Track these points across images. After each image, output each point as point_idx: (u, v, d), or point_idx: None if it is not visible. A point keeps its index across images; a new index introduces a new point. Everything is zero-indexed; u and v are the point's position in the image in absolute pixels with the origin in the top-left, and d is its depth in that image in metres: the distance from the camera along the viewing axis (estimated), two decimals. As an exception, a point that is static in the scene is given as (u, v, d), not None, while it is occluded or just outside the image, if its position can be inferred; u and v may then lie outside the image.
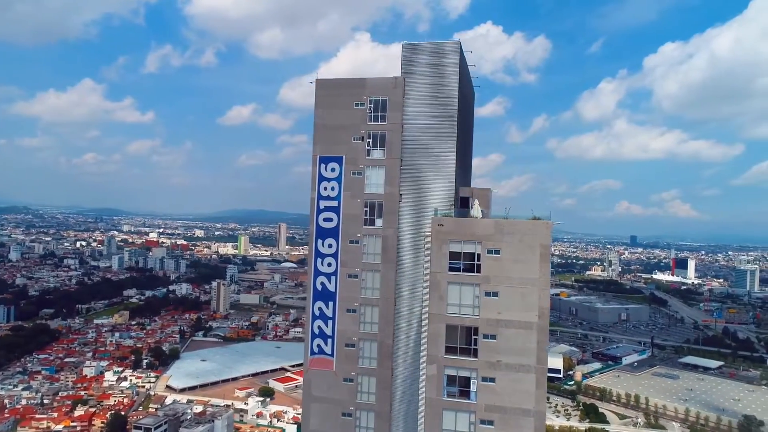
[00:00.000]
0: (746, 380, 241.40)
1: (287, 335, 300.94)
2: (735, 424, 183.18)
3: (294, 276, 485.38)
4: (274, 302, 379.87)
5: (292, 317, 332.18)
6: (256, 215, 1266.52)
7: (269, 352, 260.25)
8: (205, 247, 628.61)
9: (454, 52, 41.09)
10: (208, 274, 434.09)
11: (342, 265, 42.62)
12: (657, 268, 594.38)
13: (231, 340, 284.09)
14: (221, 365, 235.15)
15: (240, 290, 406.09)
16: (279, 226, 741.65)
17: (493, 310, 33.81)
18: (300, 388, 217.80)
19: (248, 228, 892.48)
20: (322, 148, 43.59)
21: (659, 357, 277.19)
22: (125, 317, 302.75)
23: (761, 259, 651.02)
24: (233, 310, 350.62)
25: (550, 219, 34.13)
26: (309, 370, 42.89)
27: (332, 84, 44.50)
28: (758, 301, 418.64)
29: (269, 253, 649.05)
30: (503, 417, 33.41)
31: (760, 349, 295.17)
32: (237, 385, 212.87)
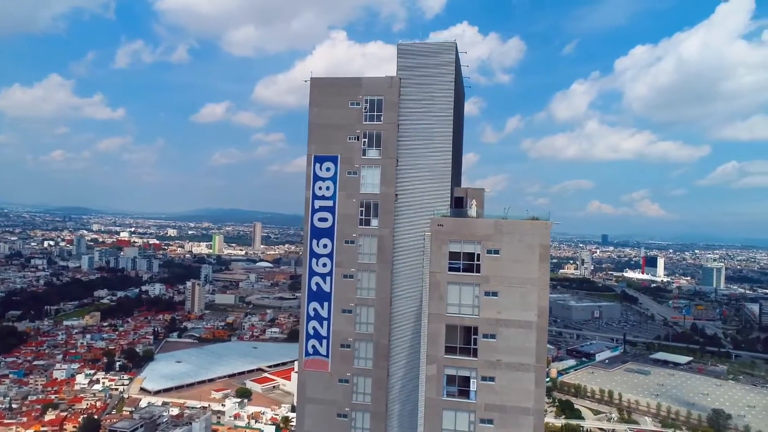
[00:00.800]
0: (714, 375, 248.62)
1: (264, 335, 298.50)
2: (704, 418, 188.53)
3: (270, 275, 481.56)
4: (249, 302, 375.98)
5: (269, 317, 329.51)
6: (230, 214, 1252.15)
7: (246, 352, 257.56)
8: (178, 247, 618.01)
9: (449, 52, 41.17)
10: (181, 274, 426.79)
11: (337, 266, 42.35)
12: (628, 267, 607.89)
13: (206, 340, 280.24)
14: (197, 366, 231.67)
15: (215, 290, 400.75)
16: (254, 225, 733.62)
17: (493, 310, 34.02)
18: (277, 388, 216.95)
19: (222, 227, 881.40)
20: (316, 147, 43.22)
21: (631, 353, 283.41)
22: (96, 318, 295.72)
23: (726, 258, 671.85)
24: (208, 310, 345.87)
25: (549, 219, 34.54)
26: (304, 372, 42.52)
27: (327, 83, 44.15)
28: (724, 298, 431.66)
29: (244, 252, 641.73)
30: (503, 416, 33.65)
31: (727, 344, 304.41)
32: (213, 387, 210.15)
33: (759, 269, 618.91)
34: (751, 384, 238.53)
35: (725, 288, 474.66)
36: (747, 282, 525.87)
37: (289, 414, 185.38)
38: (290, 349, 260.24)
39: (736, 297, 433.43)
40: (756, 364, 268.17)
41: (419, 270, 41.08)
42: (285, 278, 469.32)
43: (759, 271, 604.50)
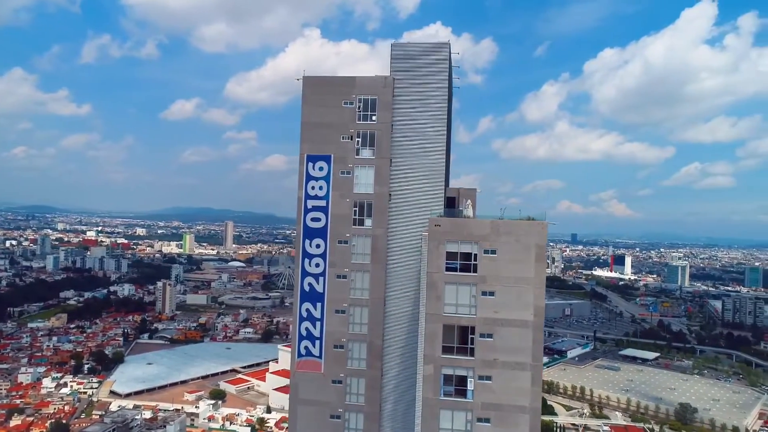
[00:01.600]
0: (680, 370, 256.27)
1: (237, 336, 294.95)
2: (672, 412, 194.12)
3: (242, 275, 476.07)
4: (222, 302, 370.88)
5: (242, 317, 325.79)
6: (200, 213, 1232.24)
7: (219, 353, 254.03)
8: (147, 246, 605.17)
9: (443, 53, 41.34)
10: (151, 274, 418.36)
11: (330, 266, 42.04)
12: (597, 265, 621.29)
13: (178, 341, 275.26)
14: (169, 368, 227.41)
15: (186, 290, 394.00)
16: (226, 224, 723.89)
17: (490, 310, 34.31)
18: (252, 389, 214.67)
19: (193, 226, 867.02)
20: (309, 146, 42.82)
21: (601, 350, 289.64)
22: (63, 320, 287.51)
23: (690, 256, 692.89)
24: (180, 311, 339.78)
25: (545, 219, 35.01)
26: (296, 373, 42.10)
27: (320, 82, 43.78)
28: (689, 295, 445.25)
29: (216, 252, 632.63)
30: (499, 414, 33.99)
31: (692, 340, 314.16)
32: (186, 389, 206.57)
33: (720, 267, 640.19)
34: (715, 378, 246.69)
35: (689, 285, 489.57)
36: (710, 279, 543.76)
37: (264, 415, 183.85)
38: (264, 350, 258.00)
39: (700, 294, 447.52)
40: (719, 359, 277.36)
41: (413, 270, 41.17)
42: (258, 278, 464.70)
43: (721, 269, 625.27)
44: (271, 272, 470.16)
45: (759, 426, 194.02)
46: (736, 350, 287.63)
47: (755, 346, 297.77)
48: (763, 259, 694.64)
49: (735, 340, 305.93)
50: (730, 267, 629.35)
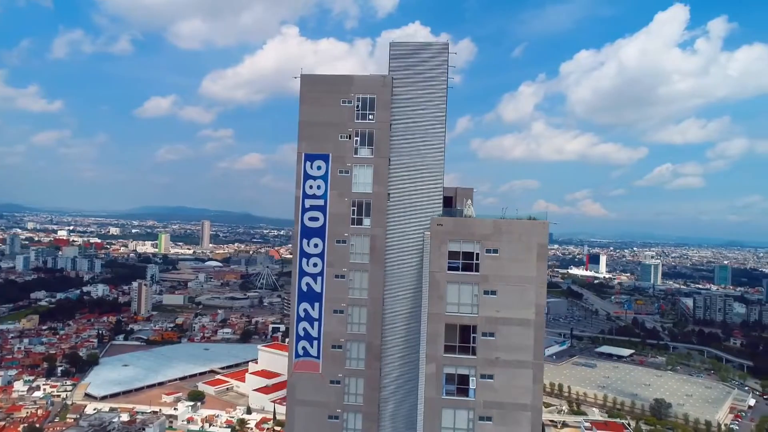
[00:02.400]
0: (654, 366, 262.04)
1: (215, 336, 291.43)
2: (647, 408, 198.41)
3: (220, 275, 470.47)
4: (199, 302, 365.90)
5: (220, 318, 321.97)
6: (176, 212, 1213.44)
7: (197, 354, 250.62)
8: (121, 246, 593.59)
9: (442, 53, 41.41)
10: (126, 274, 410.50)
11: (329, 266, 41.74)
12: (572, 264, 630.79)
13: (155, 343, 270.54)
14: (145, 370, 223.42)
15: (162, 290, 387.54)
16: (202, 224, 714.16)
17: (492, 309, 34.54)
18: (231, 390, 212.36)
19: (168, 225, 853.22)
20: (307, 145, 42.44)
21: (578, 347, 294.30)
22: (34, 322, 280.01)
23: (662, 255, 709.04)
24: (156, 311, 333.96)
25: (546, 219, 35.37)
26: (294, 374, 41.71)
27: (318, 80, 43.42)
28: (661, 293, 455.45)
29: (192, 251, 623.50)
30: (501, 413, 34.24)
31: (665, 337, 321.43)
32: (164, 390, 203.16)
33: (691, 266, 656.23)
34: (688, 374, 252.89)
35: (662, 283, 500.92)
36: (681, 277, 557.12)
37: (244, 416, 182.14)
38: (243, 350, 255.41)
39: (672, 292, 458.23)
40: (691, 356, 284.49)
41: (412, 270, 41.18)
42: (236, 278, 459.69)
43: (691, 267, 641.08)
44: (249, 272, 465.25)
45: (730, 420, 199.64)
46: (707, 346, 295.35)
47: (725, 343, 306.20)
48: (732, 257, 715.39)
49: (706, 337, 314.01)
50: (701, 265, 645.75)
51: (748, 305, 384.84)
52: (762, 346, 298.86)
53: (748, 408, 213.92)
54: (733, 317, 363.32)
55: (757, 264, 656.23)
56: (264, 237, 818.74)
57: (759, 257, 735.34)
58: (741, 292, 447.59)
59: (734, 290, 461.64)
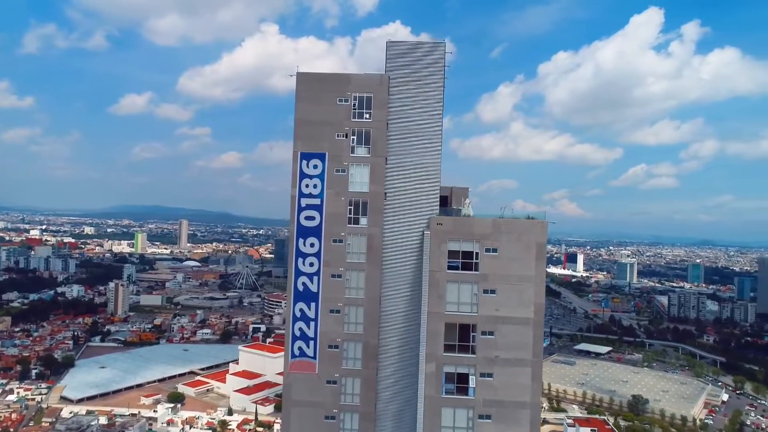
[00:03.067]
0: (631, 363, 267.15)
1: (194, 337, 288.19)
2: (625, 404, 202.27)
3: (198, 275, 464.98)
4: (178, 303, 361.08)
5: (199, 318, 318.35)
6: (152, 211, 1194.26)
7: (176, 355, 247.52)
8: (96, 246, 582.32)
9: (439, 52, 41.43)
10: (101, 275, 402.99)
11: (325, 265, 41.39)
12: (550, 262, 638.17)
13: (132, 344, 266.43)
14: (123, 371, 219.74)
15: (139, 291, 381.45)
16: (180, 223, 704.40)
17: (491, 308, 34.76)
18: (212, 391, 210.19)
19: (144, 225, 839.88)
20: (303, 144, 42.03)
21: (557, 345, 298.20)
22: (6, 323, 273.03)
23: (637, 253, 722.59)
24: (133, 312, 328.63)
25: (545, 218, 35.70)
26: (290, 374, 41.31)
27: (314, 78, 43.00)
28: (637, 291, 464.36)
29: (169, 251, 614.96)
30: (501, 411, 34.47)
31: (641, 334, 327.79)
32: (142, 392, 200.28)
33: (665, 264, 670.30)
34: (663, 371, 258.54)
35: (637, 282, 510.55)
36: (656, 276, 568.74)
37: (226, 417, 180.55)
38: (223, 351, 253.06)
39: (647, 290, 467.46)
40: (666, 352, 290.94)
41: (409, 269, 41.14)
42: (214, 277, 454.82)
43: (665, 266, 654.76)
44: (228, 272, 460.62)
45: (704, 415, 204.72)
46: (681, 343, 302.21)
47: (699, 339, 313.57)
48: (704, 256, 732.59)
49: (680, 334, 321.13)
50: (674, 264, 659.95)
51: (721, 303, 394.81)
52: (734, 343, 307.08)
53: (722, 403, 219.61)
54: (706, 314, 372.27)
55: (728, 263, 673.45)
56: (243, 236, 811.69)
57: (730, 256, 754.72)
58: (713, 290, 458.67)
59: (707, 288, 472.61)
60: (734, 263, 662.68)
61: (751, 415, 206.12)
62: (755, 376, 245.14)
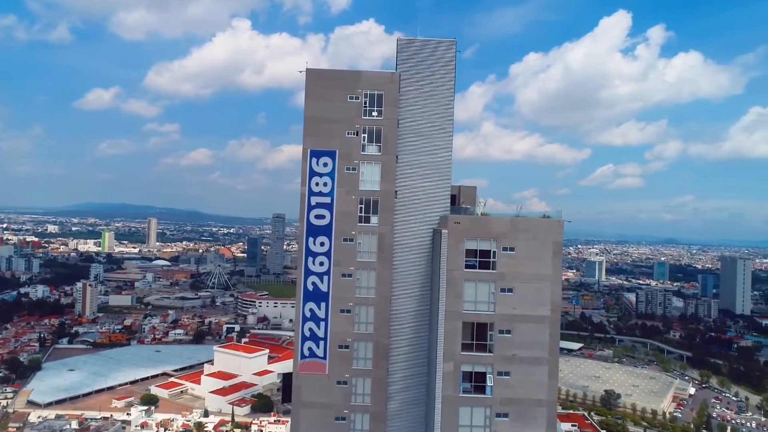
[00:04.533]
0: (602, 359, 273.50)
1: (167, 338, 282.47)
2: (598, 399, 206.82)
3: (168, 274, 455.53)
4: (148, 303, 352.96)
5: (171, 318, 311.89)
6: (119, 209, 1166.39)
7: (148, 357, 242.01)
8: (61, 245, 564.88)
9: (450, 50, 41.33)
10: (67, 275, 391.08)
11: (335, 264, 40.85)
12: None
13: (102, 345, 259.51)
14: (93, 374, 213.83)
15: (108, 291, 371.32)
16: (149, 221, 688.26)
17: (509, 306, 34.87)
18: (186, 393, 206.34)
19: (111, 223, 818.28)
20: (313, 141, 41.35)
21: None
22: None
23: (604, 251, 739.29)
24: (102, 313, 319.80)
25: (561, 217, 35.99)
26: (299, 375, 40.64)
27: (324, 75, 42.35)
28: (606, 289, 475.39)
29: (138, 250, 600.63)
30: (518, 409, 34.63)
31: (611, 331, 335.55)
32: (114, 395, 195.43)
33: (631, 262, 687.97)
34: (633, 366, 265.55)
35: (606, 279, 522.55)
36: (623, 273, 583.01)
37: (202, 419, 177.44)
38: (197, 352, 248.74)
39: (616, 287, 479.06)
40: (636, 348, 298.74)
41: (420, 268, 41.05)
42: (185, 277, 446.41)
43: (632, 263, 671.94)
44: (199, 271, 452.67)
45: (673, 408, 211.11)
46: (649, 339, 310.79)
47: (666, 335, 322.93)
48: (668, 254, 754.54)
49: (648, 330, 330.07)
50: (640, 262, 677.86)
51: (685, 300, 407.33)
52: (699, 338, 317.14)
53: (689, 396, 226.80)
54: (672, 311, 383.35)
55: (690, 260, 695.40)
56: (213, 235, 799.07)
57: (692, 254, 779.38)
58: (678, 287, 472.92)
59: (672, 285, 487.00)
60: (697, 261, 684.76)
61: (717, 408, 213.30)
62: (720, 370, 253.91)
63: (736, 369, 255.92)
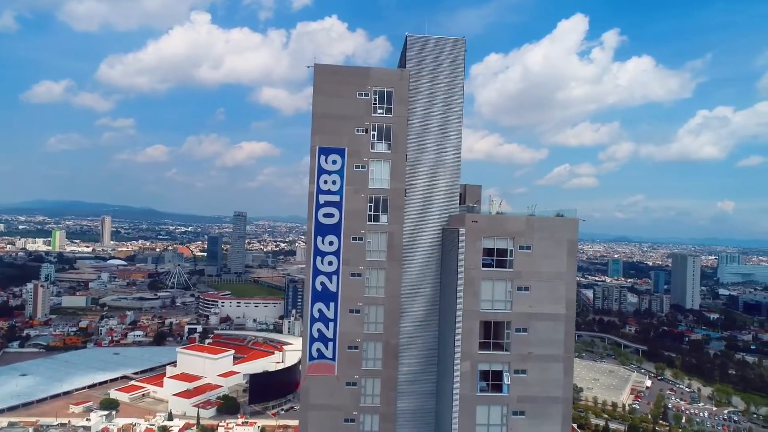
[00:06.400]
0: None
1: (125, 340, 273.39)
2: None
3: (125, 274, 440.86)
4: (104, 304, 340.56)
5: (129, 319, 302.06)
6: (70, 207, 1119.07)
7: (106, 359, 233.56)
8: (7, 244, 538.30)
9: (459, 48, 41.17)
10: (15, 275, 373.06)
11: (344, 264, 40.10)
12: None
13: (56, 349, 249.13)
14: (48, 379, 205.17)
15: (61, 292, 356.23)
16: (102, 219, 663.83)
17: (525, 304, 35.07)
18: (148, 396, 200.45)
19: (61, 221, 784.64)
20: (321, 138, 40.38)
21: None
22: None
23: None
24: (55, 315, 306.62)
25: (575, 216, 36.43)
26: (308, 377, 39.70)
27: (333, 71, 41.44)
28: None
29: (92, 249, 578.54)
30: (534, 406, 34.89)
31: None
32: (71, 400, 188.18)
33: (587, 259, 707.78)
34: (593, 360, 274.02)
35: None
36: (579, 270, 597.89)
37: (166, 423, 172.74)
38: (158, 354, 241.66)
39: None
40: (594, 343, 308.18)
41: (429, 267, 40.82)
42: (143, 277, 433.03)
43: (587, 261, 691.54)
44: (158, 270, 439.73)
45: (632, 400, 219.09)
46: (607, 334, 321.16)
47: (622, 330, 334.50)
48: (621, 251, 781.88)
49: (606, 325, 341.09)
50: (595, 259, 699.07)
51: (639, 295, 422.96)
52: (653, 333, 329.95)
53: (646, 389, 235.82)
54: (627, 306, 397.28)
55: (642, 257, 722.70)
56: (170, 234, 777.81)
57: (644, 251, 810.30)
58: (631, 284, 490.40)
59: (626, 282, 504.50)
60: (648, 258, 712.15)
61: (672, 399, 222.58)
62: (673, 363, 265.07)
63: (688, 361, 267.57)
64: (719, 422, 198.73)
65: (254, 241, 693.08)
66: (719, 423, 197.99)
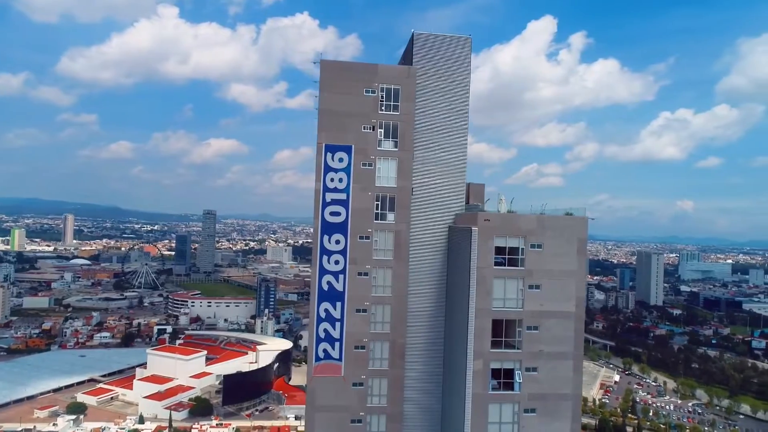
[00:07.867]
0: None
1: (92, 341, 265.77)
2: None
3: (89, 274, 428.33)
4: (68, 305, 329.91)
5: (95, 320, 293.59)
6: (29, 204, 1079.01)
7: (72, 362, 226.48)
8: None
9: (466, 47, 41.10)
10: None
11: (351, 263, 39.55)
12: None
13: (18, 352, 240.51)
14: (9, 383, 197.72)
15: (21, 293, 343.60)
16: (65, 218, 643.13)
17: (536, 303, 35.29)
18: (116, 399, 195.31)
19: (20, 219, 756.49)
20: (328, 135, 39.70)
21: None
22: None
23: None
24: (15, 316, 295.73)
25: (585, 214, 36.85)
26: (314, 378, 39.02)
27: (339, 67, 40.76)
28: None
29: (53, 248, 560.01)
30: (544, 404, 35.16)
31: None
32: (35, 405, 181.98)
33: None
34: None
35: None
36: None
37: (137, 426, 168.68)
38: (126, 355, 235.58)
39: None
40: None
41: (436, 266, 40.64)
42: (108, 276, 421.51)
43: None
44: (124, 270, 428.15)
45: (601, 395, 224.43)
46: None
47: (590, 326, 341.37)
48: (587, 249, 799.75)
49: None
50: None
51: (606, 292, 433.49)
52: (619, 328, 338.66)
53: (615, 383, 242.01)
54: (594, 303, 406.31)
55: (607, 255, 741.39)
56: (136, 232, 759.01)
57: (608, 249, 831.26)
58: (598, 281, 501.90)
59: (592, 279, 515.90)
60: (612, 256, 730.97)
61: (640, 393, 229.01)
62: (640, 358, 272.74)
63: (654, 356, 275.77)
64: (684, 414, 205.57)
65: (223, 240, 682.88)
66: (684, 415, 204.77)
